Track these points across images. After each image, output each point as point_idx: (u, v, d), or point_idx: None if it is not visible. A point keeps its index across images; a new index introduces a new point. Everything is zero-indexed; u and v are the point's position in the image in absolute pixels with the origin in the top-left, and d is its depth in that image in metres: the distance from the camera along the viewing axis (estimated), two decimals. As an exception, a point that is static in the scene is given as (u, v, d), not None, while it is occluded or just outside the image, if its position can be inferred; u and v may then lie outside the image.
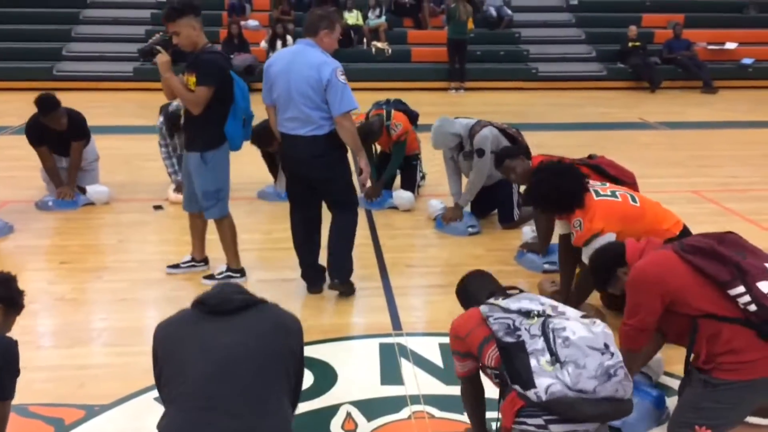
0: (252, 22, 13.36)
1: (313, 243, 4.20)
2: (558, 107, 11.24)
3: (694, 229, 3.68)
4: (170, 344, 2.17)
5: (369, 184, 4.76)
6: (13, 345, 2.29)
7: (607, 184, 3.74)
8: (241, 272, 4.36)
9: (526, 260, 4.69)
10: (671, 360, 3.19)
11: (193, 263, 4.46)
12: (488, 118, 5.59)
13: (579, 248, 3.59)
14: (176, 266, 4.44)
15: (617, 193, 3.63)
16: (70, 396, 3.10)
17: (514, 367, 2.30)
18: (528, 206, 5.15)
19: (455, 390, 3.16)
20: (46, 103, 5.45)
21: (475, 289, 2.73)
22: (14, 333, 2.48)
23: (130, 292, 4.22)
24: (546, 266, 4.57)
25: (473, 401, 2.68)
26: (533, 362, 2.27)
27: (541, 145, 5.75)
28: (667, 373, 3.25)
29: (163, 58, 3.93)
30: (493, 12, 14.07)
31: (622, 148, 7.70)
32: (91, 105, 6.97)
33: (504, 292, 2.59)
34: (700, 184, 6.61)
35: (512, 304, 2.46)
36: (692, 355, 2.66)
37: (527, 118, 9.66)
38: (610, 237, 3.44)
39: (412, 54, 13.36)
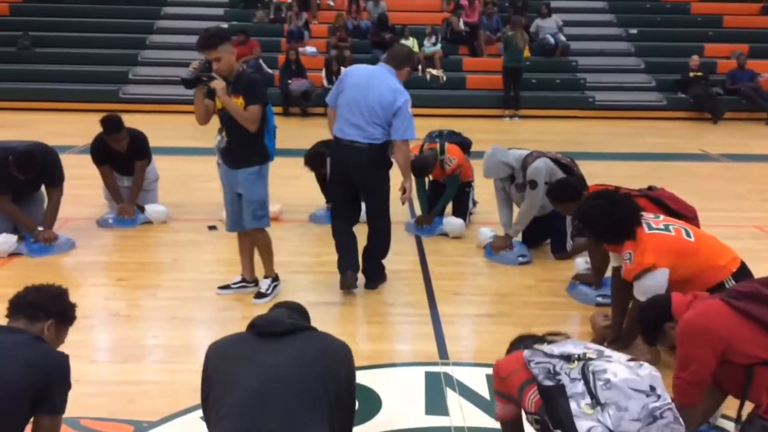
0: (310, 49, 13.64)
1: (349, 243, 4.54)
2: (615, 136, 11.05)
3: (757, 266, 3.54)
4: (219, 364, 2.21)
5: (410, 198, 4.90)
6: (65, 360, 2.33)
7: (661, 217, 3.63)
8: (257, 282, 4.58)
9: (578, 292, 4.59)
10: (729, 401, 3.05)
11: (243, 284, 4.53)
12: (542, 146, 5.54)
13: (631, 282, 3.50)
14: (227, 287, 4.51)
15: (671, 226, 3.52)
16: (120, 411, 3.16)
17: (554, 411, 2.24)
18: (581, 237, 5.06)
19: (501, 423, 3.10)
20: (111, 124, 5.66)
21: (519, 345, 2.69)
22: (70, 346, 2.55)
23: (182, 310, 4.31)
24: (599, 299, 4.46)
25: None
26: (573, 406, 2.21)
27: (596, 174, 5.65)
28: (725, 416, 3.11)
29: (220, 83, 4.02)
30: (551, 40, 14.01)
31: (681, 180, 7.50)
32: (153, 127, 7.18)
33: (548, 339, 2.55)
34: (763, 219, 6.37)
35: (555, 348, 2.42)
36: (746, 403, 2.55)
37: (582, 147, 9.53)
38: (662, 273, 3.34)
39: (467, 81, 13.39)
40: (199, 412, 3.05)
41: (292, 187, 6.85)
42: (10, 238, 5.12)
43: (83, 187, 6.25)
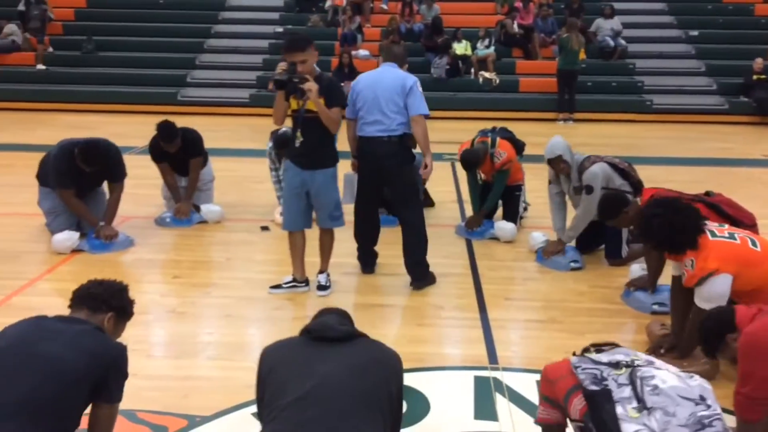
0: (363, 52, 13.72)
1: (373, 234, 4.90)
2: (673, 141, 10.77)
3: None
4: (273, 367, 2.25)
5: (429, 173, 4.79)
6: (123, 350, 2.41)
7: (726, 226, 3.52)
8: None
9: (633, 300, 4.48)
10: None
11: (294, 283, 4.58)
12: (597, 150, 5.44)
13: (692, 290, 3.40)
14: (278, 287, 4.57)
15: (736, 235, 3.41)
16: (174, 405, 3.24)
17: (599, 416, 2.21)
18: (637, 243, 4.94)
19: (551, 431, 3.06)
20: (165, 132, 5.82)
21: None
22: (127, 341, 2.61)
23: (235, 308, 4.39)
24: (655, 307, 4.34)
25: None
26: (619, 410, 2.17)
27: (653, 179, 5.50)
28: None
29: (313, 85, 4.08)
30: (610, 42, 13.75)
31: (742, 186, 7.26)
32: (209, 129, 7.36)
33: (598, 347, 2.51)
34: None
35: (604, 356, 2.39)
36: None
37: (639, 151, 9.31)
38: (725, 278, 3.24)
39: (520, 84, 13.25)
40: (251, 409, 3.13)
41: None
42: (73, 235, 5.31)
43: (142, 187, 6.43)
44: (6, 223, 6.03)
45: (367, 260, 4.96)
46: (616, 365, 2.32)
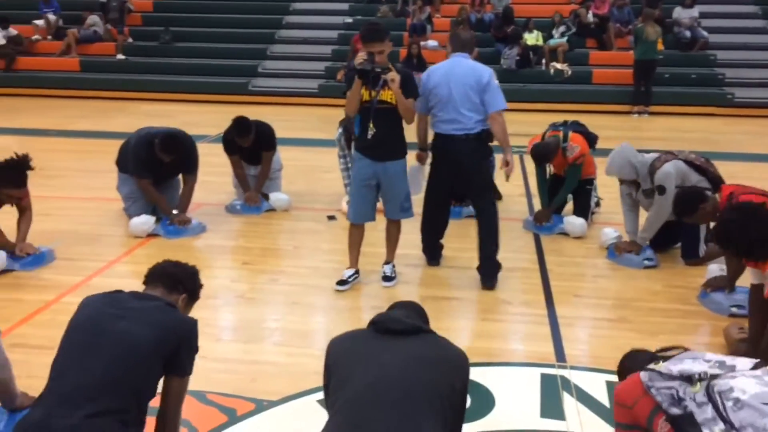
0: (431, 43, 13.63)
1: (439, 228, 4.87)
2: (756, 136, 10.27)
3: None
4: (339, 358, 2.27)
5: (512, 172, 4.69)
6: (194, 325, 2.47)
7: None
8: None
9: (710, 301, 4.30)
10: None
11: (356, 275, 4.59)
12: (674, 144, 5.26)
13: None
14: (345, 282, 4.54)
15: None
16: (242, 389, 3.31)
17: None
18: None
19: (621, 433, 2.97)
20: (240, 127, 5.94)
21: (631, 363, 2.55)
22: (198, 323, 2.68)
23: (301, 296, 4.44)
24: (733, 310, 4.16)
25: None
26: None
27: (733, 175, 5.26)
28: None
29: (396, 76, 4.07)
30: (687, 33, 13.22)
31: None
32: (279, 118, 7.47)
33: (661, 356, 2.40)
34: None
35: (673, 367, 2.26)
36: None
37: (717, 147, 8.92)
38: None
39: (594, 75, 12.89)
40: (316, 396, 3.17)
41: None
42: (150, 219, 5.50)
43: (214, 174, 6.59)
44: (86, 206, 6.29)
45: (433, 252, 4.92)
46: (689, 380, 2.20)
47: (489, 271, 4.58)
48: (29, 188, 4.84)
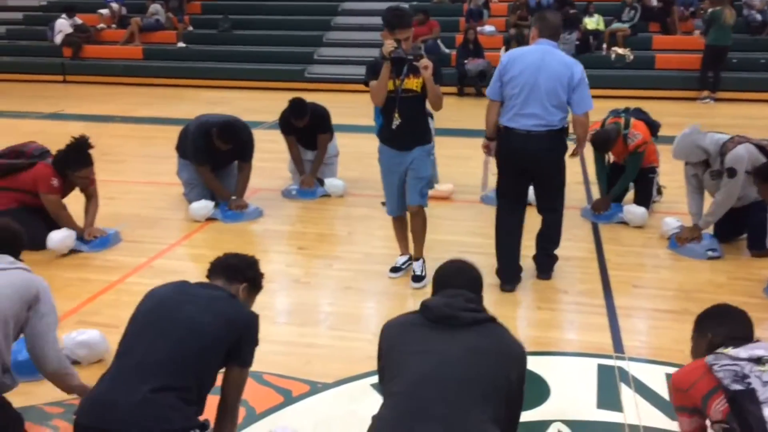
0: (488, 28, 13.45)
1: (517, 239, 4.33)
2: (830, 123, 9.78)
3: None
4: (393, 345, 2.27)
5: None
6: (255, 318, 2.52)
7: None
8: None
9: (777, 294, 4.14)
10: None
11: (409, 261, 4.56)
12: (741, 131, 5.03)
13: None
14: (398, 269, 4.53)
15: None
16: (298, 371, 3.37)
17: (744, 418, 2.04)
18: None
19: (681, 427, 2.90)
20: (296, 109, 6.01)
21: (727, 330, 2.37)
22: (256, 307, 2.73)
23: (355, 281, 4.47)
24: (802, 303, 4.00)
25: None
26: (766, 412, 2.00)
27: (806, 165, 5.03)
28: None
29: (429, 63, 3.90)
30: (757, 16, 12.65)
31: None
32: (334, 105, 7.48)
33: (737, 341, 2.29)
34: None
35: (742, 352, 2.19)
36: None
37: (790, 135, 8.53)
38: None
39: (657, 60, 12.50)
40: (370, 380, 3.20)
41: (464, 168, 6.83)
42: (208, 204, 5.63)
43: (271, 160, 6.68)
44: (147, 191, 6.47)
45: (511, 274, 4.31)
46: (758, 361, 2.13)
47: (546, 264, 4.48)
48: (96, 174, 5.02)
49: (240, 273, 2.61)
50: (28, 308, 2.63)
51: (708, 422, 2.27)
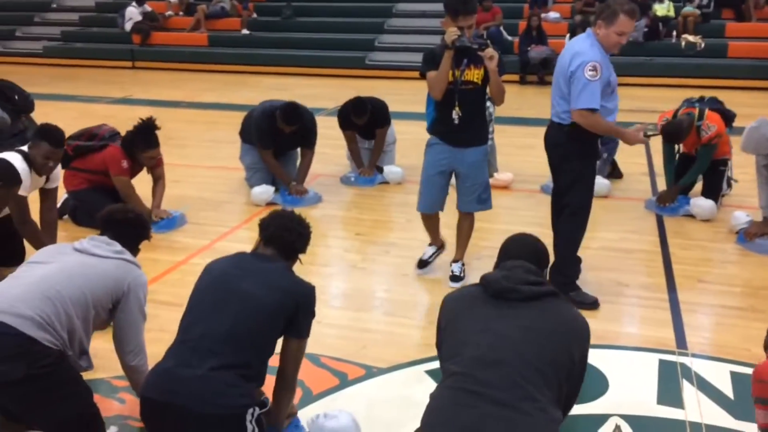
0: (553, 14, 13.16)
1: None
2: None
3: None
4: (453, 318, 2.27)
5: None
6: (312, 290, 2.57)
7: None
8: None
9: None
10: None
11: (438, 251, 4.44)
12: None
13: None
14: (426, 263, 4.38)
15: None
16: (353, 354, 3.41)
17: None
18: None
19: (746, 426, 2.83)
20: (358, 108, 6.05)
21: None
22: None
23: (411, 268, 4.47)
24: None
25: None
26: None
27: None
28: None
29: (495, 53, 3.71)
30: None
31: None
32: (393, 92, 7.52)
33: None
34: None
35: None
36: None
37: None
38: None
39: (730, 48, 11.99)
40: (424, 366, 3.21)
41: (525, 156, 6.74)
42: (269, 189, 5.74)
43: (330, 147, 6.74)
44: (211, 175, 6.63)
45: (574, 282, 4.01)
46: None
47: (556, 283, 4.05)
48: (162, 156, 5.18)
49: (294, 251, 2.65)
50: (114, 301, 2.69)
51: None
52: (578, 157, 3.81)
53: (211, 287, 2.51)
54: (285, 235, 2.62)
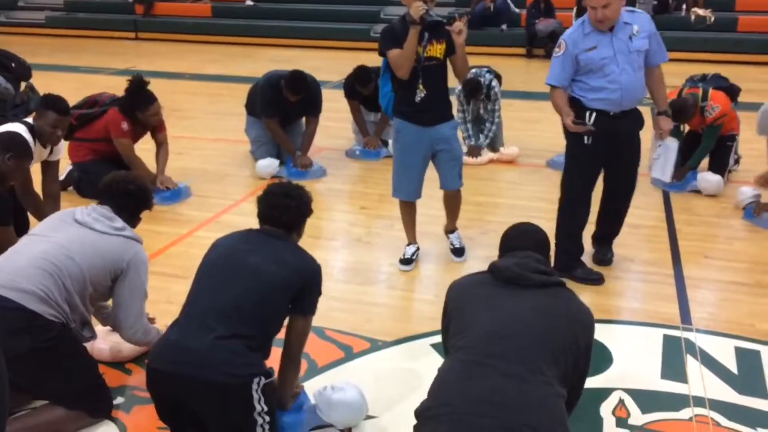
0: (560, -13, 12.96)
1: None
2: None
3: None
4: (461, 302, 2.27)
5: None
6: (318, 268, 2.57)
7: None
8: None
9: None
10: None
11: (418, 250, 4.23)
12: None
13: None
14: (409, 261, 4.15)
15: None
16: (359, 328, 3.42)
17: None
18: None
19: (750, 401, 2.84)
20: (363, 76, 6.01)
21: None
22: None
23: (420, 244, 4.46)
24: None
25: None
26: None
27: None
28: None
29: (464, 27, 3.61)
30: None
31: None
32: (400, 65, 7.45)
33: None
34: None
35: None
36: None
37: None
38: None
39: (740, 23, 11.84)
40: (430, 340, 3.23)
41: (532, 131, 6.71)
42: (274, 162, 5.72)
43: (335, 120, 6.70)
44: (215, 147, 6.60)
45: (575, 260, 3.99)
46: None
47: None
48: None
49: (299, 219, 2.64)
50: (113, 278, 2.69)
51: None
52: (568, 134, 3.77)
53: (220, 261, 2.51)
54: (270, 212, 2.60)
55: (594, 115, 3.65)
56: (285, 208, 2.60)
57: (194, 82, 10.05)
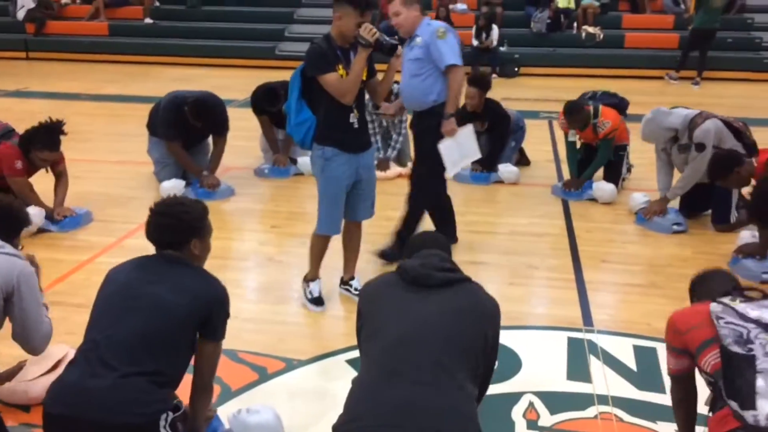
0: (460, 6, 13.39)
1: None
2: (793, 102, 10.00)
3: None
4: (372, 304, 2.30)
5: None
6: (224, 291, 2.44)
7: None
8: None
9: (741, 267, 4.23)
10: None
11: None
12: (708, 109, 5.12)
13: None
14: (322, 302, 3.89)
15: None
16: (272, 348, 3.38)
17: (734, 381, 1.99)
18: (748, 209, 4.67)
19: (648, 396, 3.00)
20: (270, 97, 5.93)
21: (716, 285, 2.34)
22: (228, 285, 2.69)
23: (327, 259, 4.40)
24: (765, 276, 4.11)
25: (683, 406, 2.35)
26: (760, 382, 1.95)
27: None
28: None
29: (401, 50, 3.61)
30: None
31: None
32: (306, 82, 7.46)
33: (743, 293, 2.20)
34: None
35: (751, 310, 2.07)
36: None
37: (752, 113, 8.68)
38: None
39: (626, 39, 12.60)
40: (345, 356, 3.23)
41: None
42: (179, 183, 5.57)
43: (243, 139, 6.61)
44: (117, 170, 6.37)
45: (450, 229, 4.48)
46: (766, 327, 2.02)
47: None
48: (64, 153, 4.92)
49: (184, 236, 2.47)
50: (4, 297, 2.55)
51: (697, 370, 2.20)
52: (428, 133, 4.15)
53: (117, 294, 2.36)
54: (150, 234, 2.50)
55: None
56: (162, 228, 2.46)
57: (92, 102, 9.67)
